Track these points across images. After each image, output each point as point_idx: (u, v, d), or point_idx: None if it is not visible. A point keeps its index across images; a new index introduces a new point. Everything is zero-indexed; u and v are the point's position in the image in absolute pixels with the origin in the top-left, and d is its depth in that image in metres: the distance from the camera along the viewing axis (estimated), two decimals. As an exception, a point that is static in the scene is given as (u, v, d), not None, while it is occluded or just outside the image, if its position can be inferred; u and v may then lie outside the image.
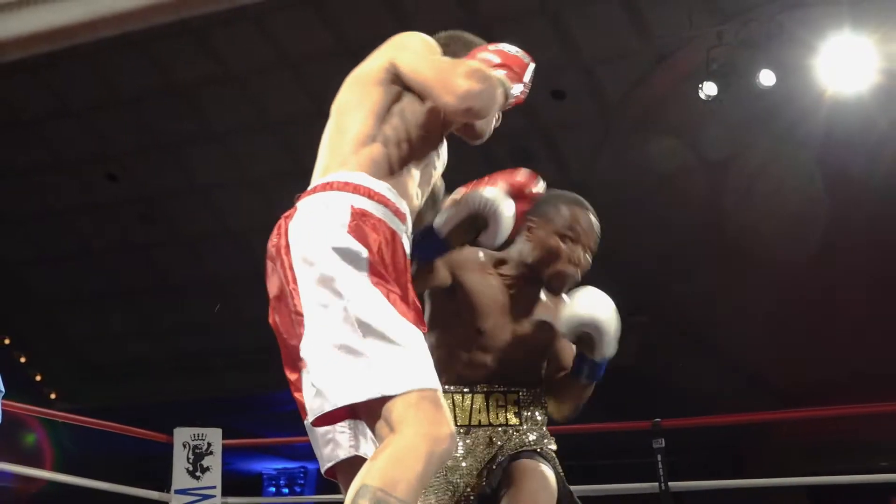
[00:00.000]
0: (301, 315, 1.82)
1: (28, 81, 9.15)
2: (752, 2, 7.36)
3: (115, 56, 8.81)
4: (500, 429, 2.51)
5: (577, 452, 2.49)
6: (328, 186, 1.92)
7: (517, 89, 2.05)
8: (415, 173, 2.02)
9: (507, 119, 2.27)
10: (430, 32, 2.16)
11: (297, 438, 2.16)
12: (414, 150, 2.00)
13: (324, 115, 2.07)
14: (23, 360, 11.74)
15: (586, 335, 2.45)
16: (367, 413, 1.80)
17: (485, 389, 2.53)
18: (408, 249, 1.96)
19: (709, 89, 7.27)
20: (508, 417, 2.52)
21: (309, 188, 1.96)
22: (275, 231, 1.93)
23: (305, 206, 1.91)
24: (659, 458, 4.27)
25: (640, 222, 8.45)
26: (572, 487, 2.51)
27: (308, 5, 8.22)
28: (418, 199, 2.05)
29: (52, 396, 11.66)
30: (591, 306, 2.45)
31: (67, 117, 9.73)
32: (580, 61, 8.21)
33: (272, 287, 1.91)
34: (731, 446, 9.43)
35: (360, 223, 1.85)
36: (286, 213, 1.93)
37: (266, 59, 8.77)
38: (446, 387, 2.53)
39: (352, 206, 1.87)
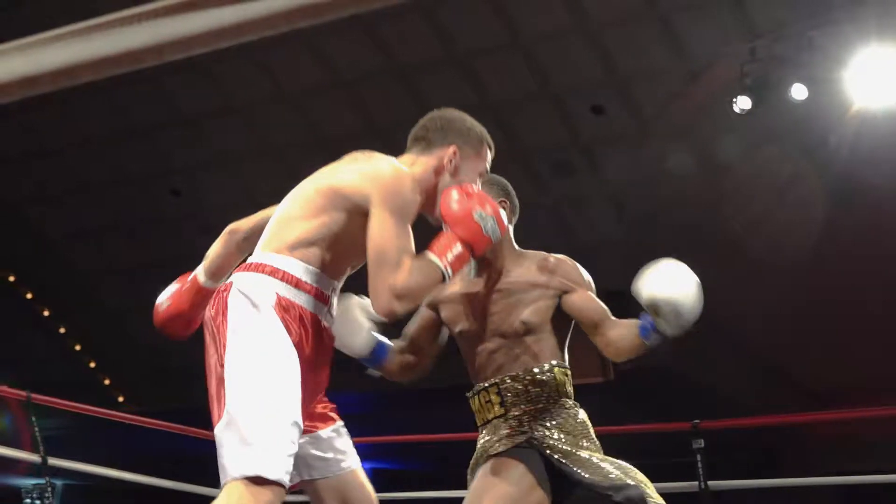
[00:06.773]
0: (222, 379, 1.94)
1: (98, 103, 9.28)
2: (783, 18, 7.27)
3: (177, 78, 8.91)
4: (493, 422, 2.48)
5: (618, 454, 2.44)
6: (260, 268, 2.02)
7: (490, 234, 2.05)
8: (352, 260, 2.09)
9: (549, 133, 2.26)
10: (467, 52, 2.15)
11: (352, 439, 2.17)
12: (351, 255, 2.08)
13: (371, 134, 2.11)
14: (92, 364, 11.89)
15: (658, 309, 2.27)
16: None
17: (478, 389, 2.50)
18: (329, 323, 2.08)
19: (743, 103, 7.19)
20: (495, 409, 2.46)
21: (250, 260, 2.08)
22: (212, 303, 2.03)
23: (241, 284, 2.01)
24: (699, 458, 4.20)
25: (675, 229, 8.36)
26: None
27: (360, 27, 8.25)
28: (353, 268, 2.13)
29: (120, 399, 11.78)
30: (665, 285, 2.30)
31: (134, 136, 9.85)
32: (618, 78, 8.17)
33: (207, 353, 2.02)
34: (766, 445, 9.29)
35: (284, 312, 1.97)
36: (223, 288, 2.04)
37: (319, 80, 8.81)
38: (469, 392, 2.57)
39: (277, 294, 1.98)
